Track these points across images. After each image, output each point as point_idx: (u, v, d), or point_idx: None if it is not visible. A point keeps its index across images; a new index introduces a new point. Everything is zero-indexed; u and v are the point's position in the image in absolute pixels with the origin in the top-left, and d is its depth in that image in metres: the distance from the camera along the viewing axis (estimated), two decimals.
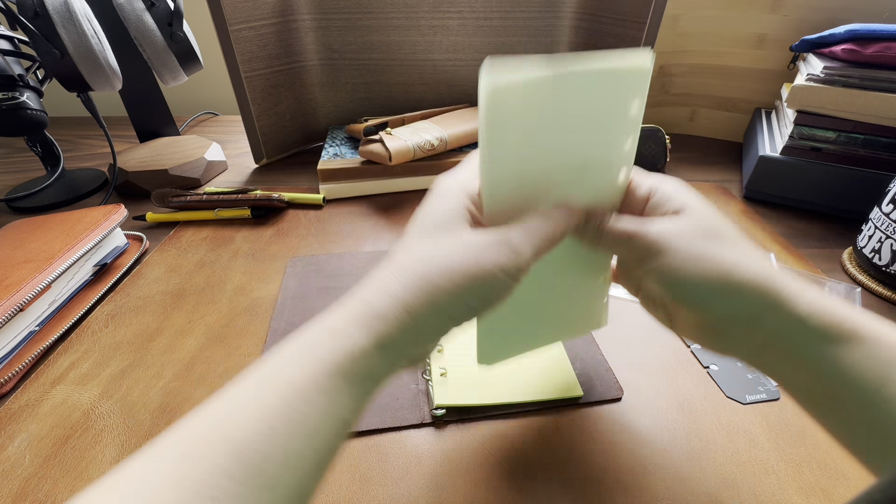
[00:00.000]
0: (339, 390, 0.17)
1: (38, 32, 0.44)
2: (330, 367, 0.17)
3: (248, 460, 0.14)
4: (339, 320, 0.18)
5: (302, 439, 0.16)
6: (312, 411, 0.16)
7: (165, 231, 0.51)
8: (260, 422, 0.15)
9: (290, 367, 0.17)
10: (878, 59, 0.47)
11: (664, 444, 0.29)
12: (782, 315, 0.20)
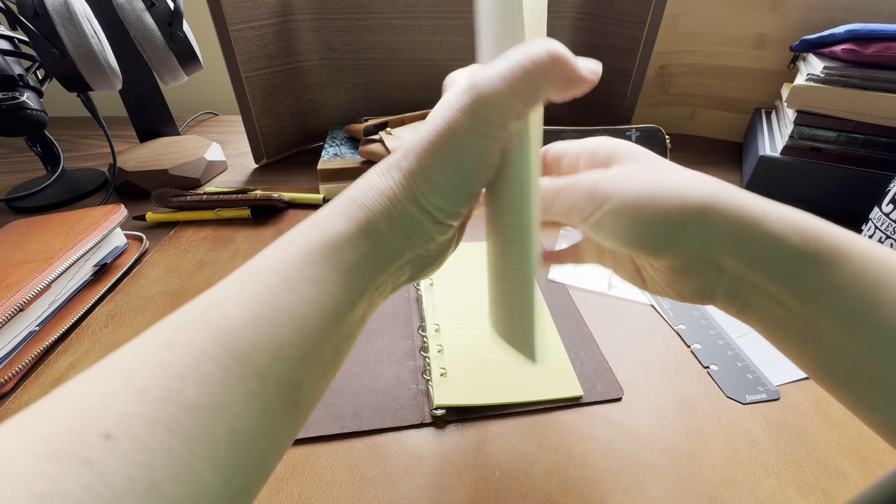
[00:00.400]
0: (327, 279, 0.16)
1: (38, 32, 0.44)
2: (315, 255, 0.16)
3: (235, 346, 0.14)
4: (323, 213, 0.18)
5: (291, 327, 0.15)
6: (300, 300, 0.16)
7: (165, 231, 0.51)
8: (246, 310, 0.15)
9: (276, 258, 0.17)
10: (878, 59, 0.47)
11: (664, 444, 0.29)
12: (755, 238, 0.18)
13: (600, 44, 0.64)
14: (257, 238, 0.49)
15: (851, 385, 0.18)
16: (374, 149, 0.53)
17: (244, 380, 0.14)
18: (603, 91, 0.68)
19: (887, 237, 0.41)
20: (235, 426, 0.13)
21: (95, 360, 0.34)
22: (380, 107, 0.69)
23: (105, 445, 0.11)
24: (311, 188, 0.59)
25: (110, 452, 0.11)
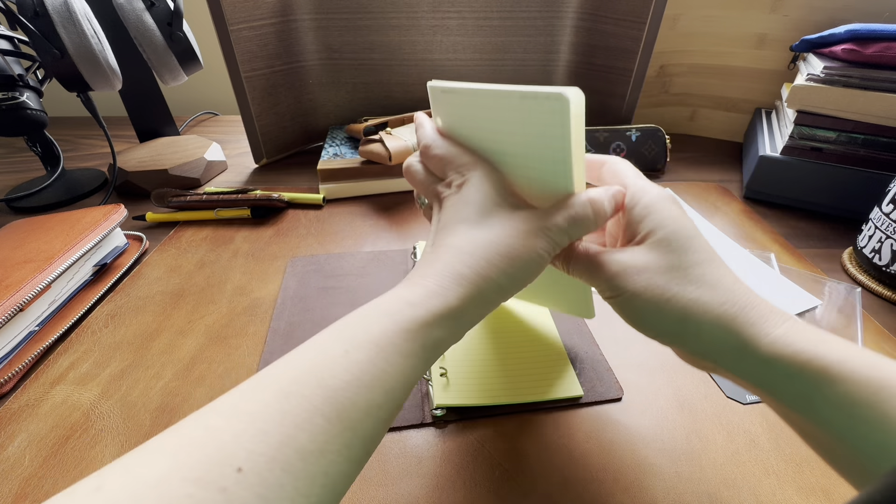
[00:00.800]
0: (414, 354, 0.19)
1: (38, 32, 0.44)
2: (410, 334, 0.19)
3: (338, 404, 0.16)
4: (417, 296, 0.20)
5: (381, 392, 0.18)
6: (392, 369, 0.18)
7: (165, 231, 0.51)
8: (349, 373, 0.17)
9: (376, 329, 0.19)
10: (879, 59, 0.47)
11: (664, 444, 0.29)
12: (746, 356, 0.20)
13: (600, 44, 0.64)
14: (257, 238, 0.49)
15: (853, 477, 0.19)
16: (374, 149, 0.53)
17: (342, 433, 0.16)
18: (603, 91, 0.68)
19: (887, 237, 0.41)
20: (329, 470, 0.16)
21: (95, 359, 0.34)
22: (380, 107, 0.69)
23: (237, 477, 0.14)
24: (311, 188, 0.59)
25: (240, 484, 0.14)
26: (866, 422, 0.17)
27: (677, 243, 0.21)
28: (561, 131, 0.21)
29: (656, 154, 0.63)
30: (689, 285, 0.21)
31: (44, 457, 0.28)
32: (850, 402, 0.18)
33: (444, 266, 0.21)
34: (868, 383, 0.18)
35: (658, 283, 0.21)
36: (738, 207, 0.56)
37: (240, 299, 0.40)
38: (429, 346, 0.20)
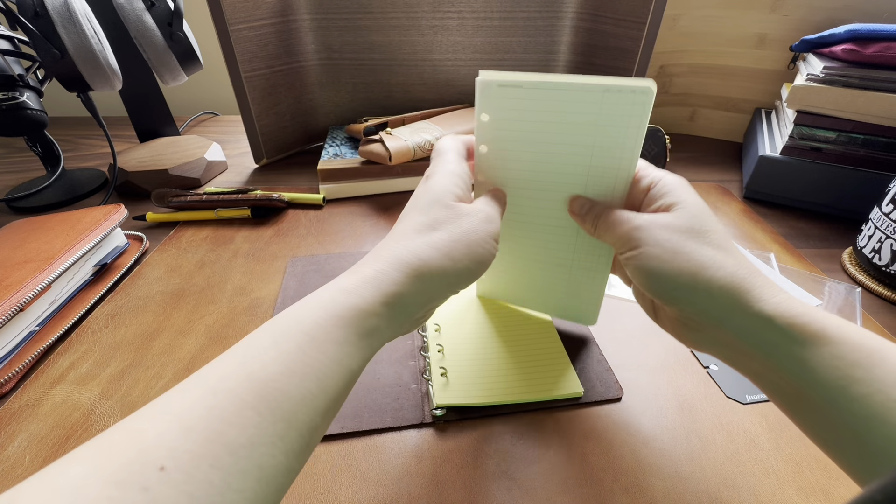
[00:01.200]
0: (348, 342, 0.19)
1: (38, 32, 0.44)
2: (342, 321, 0.19)
3: (269, 396, 0.16)
4: (352, 283, 0.21)
5: (315, 381, 0.18)
6: (325, 358, 0.18)
7: (165, 231, 0.51)
8: (279, 364, 0.17)
9: (307, 318, 0.19)
10: (879, 59, 0.47)
11: (664, 444, 0.29)
12: (749, 315, 0.21)
13: (600, 44, 0.64)
14: (257, 238, 0.49)
15: (840, 448, 0.20)
16: (374, 149, 0.53)
17: (273, 424, 0.16)
18: None
19: (887, 237, 0.41)
20: (262, 463, 0.15)
21: (95, 359, 0.34)
22: (380, 107, 0.69)
23: (160, 476, 0.13)
24: (311, 188, 0.59)
25: (164, 482, 0.13)
26: (859, 382, 0.18)
27: (698, 216, 0.23)
28: (639, 121, 0.24)
29: (656, 154, 0.63)
30: (706, 246, 0.22)
31: (44, 457, 0.28)
32: (845, 364, 0.19)
33: (387, 252, 0.22)
34: (861, 346, 0.19)
35: (679, 239, 0.22)
36: (737, 207, 0.56)
37: (240, 299, 0.40)
38: (363, 333, 0.20)
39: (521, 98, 0.25)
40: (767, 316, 0.21)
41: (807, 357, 0.20)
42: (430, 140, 0.55)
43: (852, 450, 0.19)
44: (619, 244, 0.24)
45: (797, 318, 0.20)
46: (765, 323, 0.21)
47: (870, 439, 0.18)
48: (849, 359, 0.19)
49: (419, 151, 0.54)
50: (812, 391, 0.20)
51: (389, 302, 0.21)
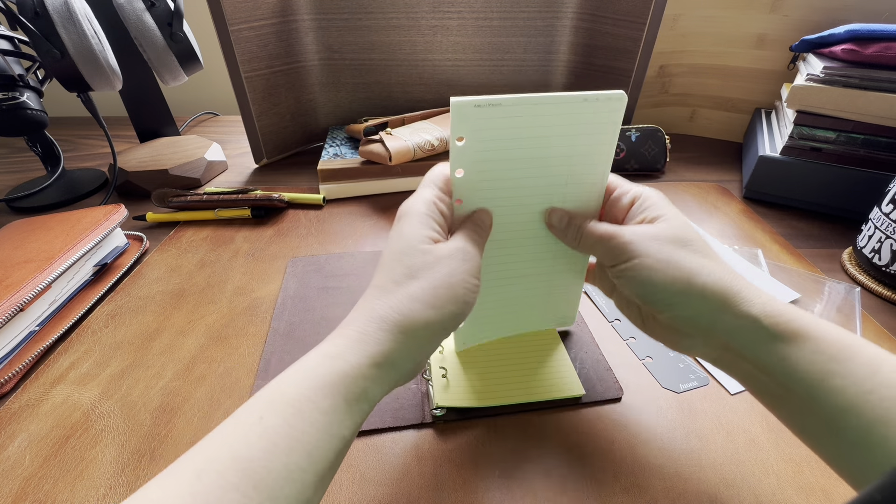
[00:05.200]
0: (337, 409, 0.19)
1: (39, 32, 0.44)
2: (329, 388, 0.19)
3: (253, 474, 0.16)
4: (337, 347, 0.20)
5: (302, 454, 0.17)
6: (312, 429, 0.18)
7: (165, 231, 0.51)
8: (263, 440, 0.17)
9: (291, 389, 0.19)
10: (878, 59, 0.47)
11: (664, 443, 0.29)
12: (739, 316, 0.22)
13: (600, 44, 0.64)
14: (257, 238, 0.49)
15: (822, 441, 0.21)
16: (374, 149, 0.54)
17: (260, 502, 0.16)
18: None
19: (887, 237, 0.41)
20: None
21: (95, 359, 0.34)
22: (380, 107, 0.69)
23: None
24: (311, 188, 0.59)
25: None
26: (835, 375, 0.19)
27: (681, 227, 0.24)
28: (613, 127, 0.26)
29: (656, 154, 0.63)
30: (694, 254, 0.23)
31: (44, 457, 0.28)
32: (823, 359, 0.20)
33: (368, 310, 0.22)
34: (837, 342, 0.20)
35: (669, 248, 0.23)
36: (737, 207, 0.56)
37: (240, 299, 0.40)
38: (352, 398, 0.19)
39: (499, 117, 0.25)
40: (754, 317, 0.22)
41: (789, 353, 0.21)
42: (430, 140, 0.55)
43: (831, 440, 0.20)
44: (611, 257, 0.25)
45: (780, 317, 0.21)
46: (752, 323, 0.22)
47: (845, 429, 0.19)
48: (826, 354, 0.20)
49: (419, 151, 0.54)
50: (795, 386, 0.21)
51: (377, 363, 0.20)
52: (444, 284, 0.22)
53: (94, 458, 0.28)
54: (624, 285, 0.25)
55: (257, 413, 0.18)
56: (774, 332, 0.21)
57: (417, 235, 0.24)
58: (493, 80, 0.69)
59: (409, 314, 0.21)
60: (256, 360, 0.34)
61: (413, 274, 0.22)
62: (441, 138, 0.56)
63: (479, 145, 0.25)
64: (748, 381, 0.23)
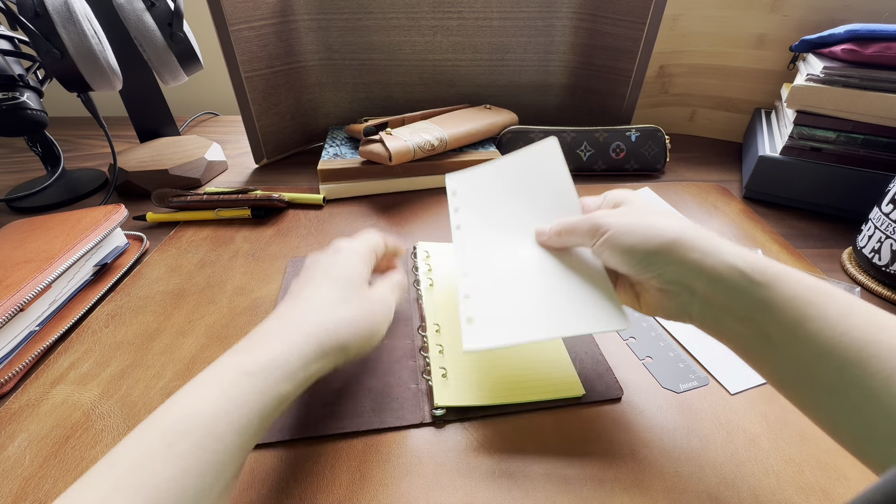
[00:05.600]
0: (251, 426, 0.19)
1: (39, 32, 0.44)
2: (245, 408, 0.19)
3: (164, 501, 0.16)
4: (257, 364, 0.21)
5: (213, 474, 0.18)
6: (225, 448, 0.18)
7: (166, 231, 0.51)
8: (173, 467, 0.17)
9: (206, 410, 0.19)
10: (878, 59, 0.47)
11: (664, 443, 0.29)
12: (719, 264, 0.23)
13: (600, 44, 0.64)
14: (258, 238, 0.49)
15: (799, 390, 0.22)
16: (375, 149, 0.54)
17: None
18: (603, 91, 0.68)
19: (887, 237, 0.41)
20: None
21: (95, 359, 0.34)
22: (380, 107, 0.69)
23: None
24: (311, 188, 0.59)
25: None
26: (812, 319, 0.20)
27: (644, 206, 0.28)
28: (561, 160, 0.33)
29: (656, 154, 0.63)
30: (660, 217, 0.26)
31: (44, 457, 0.28)
32: (800, 303, 0.21)
33: (295, 325, 0.23)
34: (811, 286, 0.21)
35: (635, 216, 0.26)
36: (737, 207, 0.56)
37: (240, 299, 0.40)
38: (266, 413, 0.20)
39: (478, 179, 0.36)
40: (732, 263, 0.23)
41: (767, 296, 0.21)
42: (431, 140, 0.55)
43: (806, 387, 0.21)
44: (589, 236, 0.27)
45: (756, 264, 0.22)
46: (732, 269, 0.22)
47: (819, 374, 0.20)
48: (802, 298, 0.21)
49: (419, 151, 0.54)
50: (774, 332, 0.21)
51: (295, 379, 0.21)
52: (367, 320, 0.26)
53: (94, 458, 0.28)
54: (608, 259, 0.27)
55: (164, 439, 0.18)
56: (753, 277, 0.22)
57: (359, 273, 0.28)
58: (493, 81, 0.69)
59: (334, 335, 0.24)
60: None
61: (345, 303, 0.26)
62: (441, 138, 0.56)
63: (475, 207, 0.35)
64: (732, 336, 0.24)
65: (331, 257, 0.29)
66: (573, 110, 0.72)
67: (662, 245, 0.24)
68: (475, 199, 0.36)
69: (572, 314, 0.28)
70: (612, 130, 0.63)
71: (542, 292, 0.29)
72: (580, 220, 0.28)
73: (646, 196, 0.57)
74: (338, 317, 0.25)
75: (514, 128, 0.63)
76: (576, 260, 0.30)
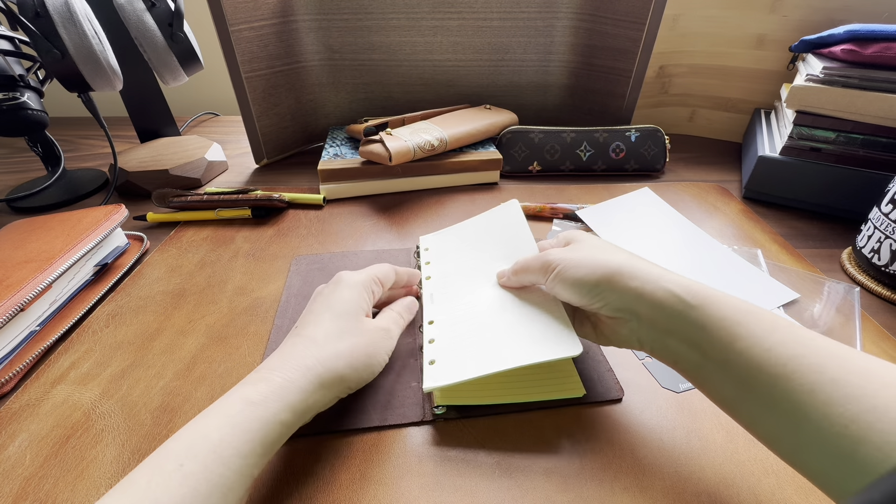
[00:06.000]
0: (254, 453, 0.21)
1: (39, 33, 0.44)
2: (249, 435, 0.21)
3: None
4: (260, 394, 0.23)
5: (219, 496, 0.19)
6: (230, 472, 0.20)
7: (166, 231, 0.51)
8: (184, 487, 0.19)
9: (214, 435, 0.21)
10: (878, 60, 0.47)
11: (664, 443, 0.29)
12: (658, 290, 0.25)
13: (600, 44, 0.65)
14: (258, 238, 0.49)
15: (738, 407, 0.23)
16: (375, 149, 0.54)
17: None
18: (602, 92, 0.68)
19: (886, 237, 0.41)
20: None
21: (96, 359, 0.34)
22: (380, 107, 0.70)
23: None
24: (311, 188, 0.59)
25: None
26: (741, 338, 0.22)
27: (589, 239, 0.30)
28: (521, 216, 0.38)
29: (655, 154, 0.63)
30: (604, 252, 0.28)
31: (44, 456, 0.28)
32: (729, 323, 0.22)
33: (295, 360, 0.25)
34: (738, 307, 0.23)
35: (582, 252, 0.28)
36: (737, 208, 0.56)
37: (240, 299, 0.40)
38: (269, 442, 0.22)
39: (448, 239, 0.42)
40: (670, 289, 0.24)
41: (700, 318, 0.23)
42: (431, 140, 0.55)
43: (744, 404, 0.22)
44: (542, 273, 0.29)
45: (689, 288, 0.24)
46: (669, 294, 0.24)
47: (754, 389, 0.21)
48: (731, 319, 0.22)
49: (419, 151, 0.54)
50: (710, 350, 0.23)
51: (295, 410, 0.23)
52: (363, 352, 0.27)
53: (94, 457, 0.28)
54: (560, 292, 0.29)
55: (178, 460, 0.20)
56: (687, 300, 0.24)
57: (357, 306, 0.29)
58: (493, 81, 0.69)
59: (332, 368, 0.25)
60: (257, 360, 0.34)
61: (343, 336, 0.27)
62: (441, 138, 0.56)
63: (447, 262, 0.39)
64: (678, 359, 0.25)
65: (332, 290, 0.30)
66: (573, 110, 0.72)
67: (605, 275, 0.26)
68: (445, 253, 0.40)
69: (530, 345, 0.29)
70: (612, 130, 0.63)
71: (502, 328, 0.31)
72: (533, 258, 0.30)
73: (642, 197, 0.57)
74: (336, 350, 0.26)
75: (514, 128, 0.63)
76: (535, 297, 0.32)
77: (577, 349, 0.27)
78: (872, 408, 0.18)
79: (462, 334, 0.32)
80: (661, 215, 0.53)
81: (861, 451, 0.17)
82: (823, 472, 0.19)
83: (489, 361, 0.29)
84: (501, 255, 0.37)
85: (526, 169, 0.63)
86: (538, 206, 0.53)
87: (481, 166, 0.59)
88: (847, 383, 0.19)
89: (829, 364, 0.20)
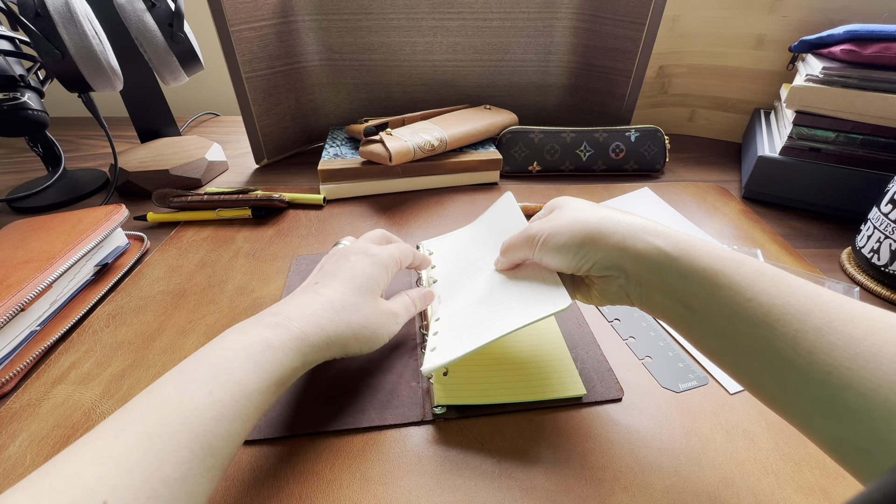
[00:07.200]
0: (270, 390, 0.23)
1: (39, 33, 0.44)
2: (268, 374, 0.23)
3: (201, 437, 0.20)
4: (280, 339, 0.25)
5: (240, 423, 0.22)
6: (250, 403, 0.22)
7: (166, 231, 0.51)
8: (212, 410, 0.21)
9: (239, 369, 0.23)
10: (877, 60, 0.47)
11: (664, 443, 0.29)
12: (640, 244, 0.25)
13: (600, 44, 0.65)
14: (258, 238, 0.49)
15: (723, 355, 0.23)
16: (375, 149, 0.54)
17: (203, 459, 0.19)
18: (602, 92, 0.68)
19: (886, 237, 0.41)
20: (192, 490, 0.19)
21: (96, 359, 0.34)
22: (380, 107, 0.70)
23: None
24: (311, 188, 0.59)
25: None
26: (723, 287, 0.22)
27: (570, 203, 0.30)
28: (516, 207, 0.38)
29: (655, 154, 0.63)
30: (584, 212, 0.28)
31: (45, 456, 0.28)
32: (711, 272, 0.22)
33: (313, 316, 0.27)
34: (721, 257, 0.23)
35: (563, 218, 0.28)
36: (737, 208, 0.56)
37: (241, 299, 0.40)
38: (282, 382, 0.24)
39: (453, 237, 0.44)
40: (650, 240, 0.24)
41: (682, 268, 0.23)
42: (431, 140, 0.55)
43: (728, 352, 0.22)
44: (528, 247, 0.30)
45: (671, 238, 0.24)
46: (649, 245, 0.24)
47: (736, 338, 0.21)
48: (713, 268, 0.22)
49: (419, 152, 0.55)
50: (693, 302, 0.23)
51: (305, 360, 0.26)
52: (371, 329, 0.29)
53: None
54: (550, 262, 0.29)
55: (207, 387, 0.21)
56: (669, 252, 0.24)
57: (377, 284, 0.31)
58: (493, 81, 0.69)
59: (341, 334, 0.27)
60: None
61: (358, 309, 0.29)
62: (441, 139, 0.56)
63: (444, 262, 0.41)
64: (664, 311, 0.25)
65: (359, 260, 0.31)
66: (573, 110, 0.72)
67: (587, 236, 0.26)
68: (448, 254, 0.42)
69: (521, 310, 0.29)
70: (612, 131, 0.63)
71: (496, 304, 0.31)
72: (517, 235, 0.31)
73: (630, 201, 0.57)
74: (348, 320, 0.28)
75: (514, 128, 0.63)
76: (528, 271, 0.32)
77: (565, 302, 0.27)
78: (856, 355, 0.18)
79: (461, 320, 0.32)
80: (661, 215, 0.53)
81: (843, 396, 0.17)
82: (806, 418, 0.19)
83: (482, 334, 0.29)
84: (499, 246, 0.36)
85: (526, 169, 0.63)
86: (538, 206, 0.53)
87: (481, 166, 0.59)
88: (832, 330, 0.19)
89: (814, 311, 0.20)
